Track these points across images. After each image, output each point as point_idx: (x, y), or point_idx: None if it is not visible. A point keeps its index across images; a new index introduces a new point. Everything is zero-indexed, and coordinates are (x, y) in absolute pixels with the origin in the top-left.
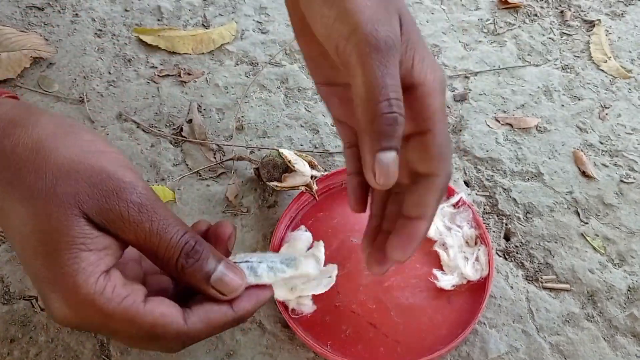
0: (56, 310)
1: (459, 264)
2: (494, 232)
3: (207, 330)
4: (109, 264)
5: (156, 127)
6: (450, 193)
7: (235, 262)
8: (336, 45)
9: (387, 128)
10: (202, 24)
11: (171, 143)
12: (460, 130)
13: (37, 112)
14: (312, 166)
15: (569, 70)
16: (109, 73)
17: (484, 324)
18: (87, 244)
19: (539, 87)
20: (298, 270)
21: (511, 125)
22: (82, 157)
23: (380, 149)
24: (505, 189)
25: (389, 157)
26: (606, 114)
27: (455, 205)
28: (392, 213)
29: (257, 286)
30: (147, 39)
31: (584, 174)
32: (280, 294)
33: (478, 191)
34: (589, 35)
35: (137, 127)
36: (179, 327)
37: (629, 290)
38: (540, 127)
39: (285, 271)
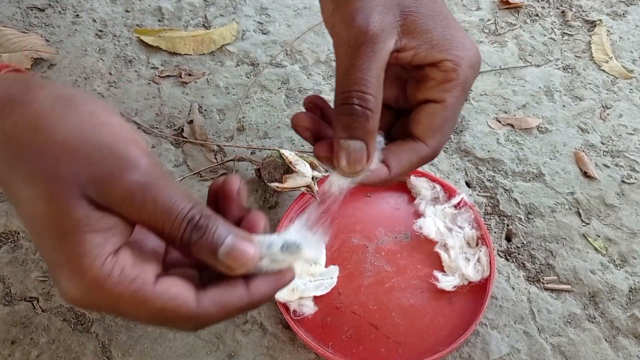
0: (65, 291)
1: (460, 265)
2: (495, 233)
3: (220, 314)
4: (117, 243)
5: (157, 127)
6: (451, 194)
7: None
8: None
9: (346, 118)
10: (203, 25)
11: (172, 144)
12: (462, 131)
13: (35, 86)
14: (313, 167)
15: (570, 70)
16: (110, 74)
17: (485, 325)
18: (92, 225)
19: (540, 88)
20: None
21: (512, 126)
22: (82, 134)
23: (342, 137)
24: (506, 190)
25: (353, 145)
26: (607, 114)
27: (457, 206)
28: None
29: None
30: (148, 39)
31: (586, 174)
32: (281, 295)
33: (479, 192)
34: (590, 36)
35: (138, 127)
36: (189, 310)
37: (630, 291)
38: (541, 127)
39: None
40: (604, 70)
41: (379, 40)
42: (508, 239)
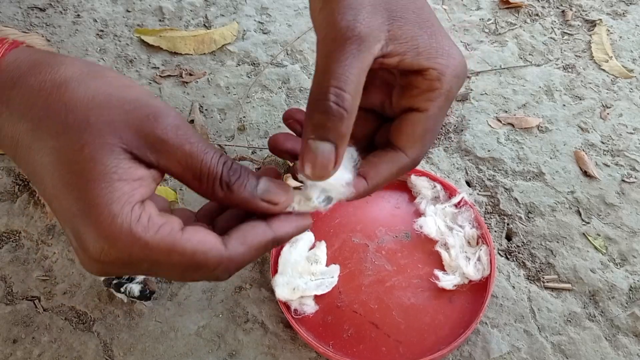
0: (92, 245)
1: (461, 263)
2: (495, 232)
3: (249, 252)
4: (144, 194)
5: None
6: (452, 193)
7: None
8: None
9: (319, 116)
10: (204, 25)
11: None
12: (462, 130)
13: (61, 55)
14: None
15: (570, 70)
16: None
17: (486, 323)
18: (121, 173)
19: (540, 87)
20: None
21: (512, 125)
22: (112, 89)
23: (310, 138)
24: (506, 189)
25: (321, 148)
26: (607, 113)
27: (457, 205)
28: None
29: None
30: (149, 39)
31: (586, 173)
32: (282, 294)
33: (480, 191)
34: (590, 35)
35: None
36: (220, 252)
37: (630, 289)
38: (541, 126)
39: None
40: (604, 70)
41: (366, 40)
42: (508, 238)
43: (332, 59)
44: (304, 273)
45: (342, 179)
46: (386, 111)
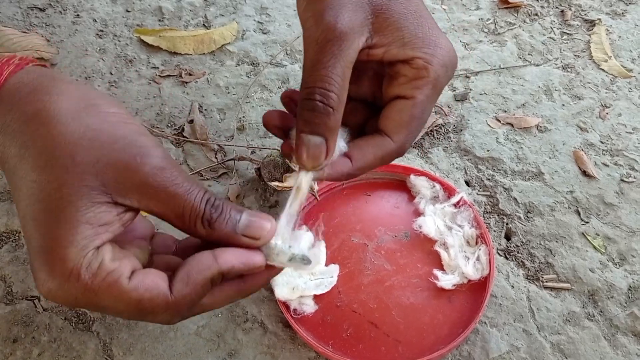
0: (42, 283)
1: (460, 263)
2: (494, 231)
3: (195, 291)
4: (104, 240)
5: (157, 127)
6: (451, 193)
7: None
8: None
9: (308, 114)
10: (203, 25)
11: (172, 143)
12: (461, 130)
13: (63, 81)
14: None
15: (569, 69)
16: (111, 74)
17: (485, 323)
18: (89, 217)
19: (539, 87)
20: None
21: (512, 125)
22: (104, 126)
23: (303, 132)
24: (505, 189)
25: (313, 140)
26: (607, 113)
27: (456, 205)
28: None
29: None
30: (149, 39)
31: (585, 173)
32: (282, 294)
33: (479, 191)
34: (589, 35)
35: None
36: (166, 297)
37: (629, 289)
38: (540, 126)
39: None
40: (603, 70)
41: (347, 38)
42: (507, 237)
43: (317, 60)
44: (304, 273)
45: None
46: (377, 101)
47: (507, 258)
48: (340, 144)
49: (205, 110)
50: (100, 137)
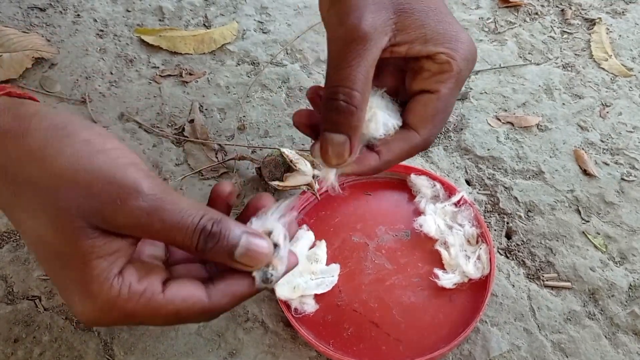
0: (81, 312)
1: (461, 262)
2: (495, 230)
3: (231, 302)
4: (122, 264)
5: (158, 127)
6: (451, 192)
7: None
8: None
9: (331, 113)
10: (204, 24)
11: (173, 143)
12: (462, 129)
13: (27, 117)
14: (314, 165)
15: (569, 68)
16: (111, 73)
17: (486, 322)
18: (97, 252)
19: (539, 86)
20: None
21: (512, 124)
22: (78, 164)
23: (327, 130)
24: (506, 188)
25: (337, 139)
26: (607, 112)
27: (457, 204)
28: None
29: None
30: (149, 39)
31: (585, 172)
32: (282, 293)
33: (479, 190)
34: (589, 34)
35: (139, 127)
36: (203, 305)
37: (630, 288)
38: (541, 125)
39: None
40: (603, 69)
41: (370, 38)
42: (508, 236)
43: (341, 59)
44: (304, 272)
45: (388, 122)
46: (400, 96)
47: (507, 257)
48: (391, 122)
49: (206, 109)
50: (78, 179)
